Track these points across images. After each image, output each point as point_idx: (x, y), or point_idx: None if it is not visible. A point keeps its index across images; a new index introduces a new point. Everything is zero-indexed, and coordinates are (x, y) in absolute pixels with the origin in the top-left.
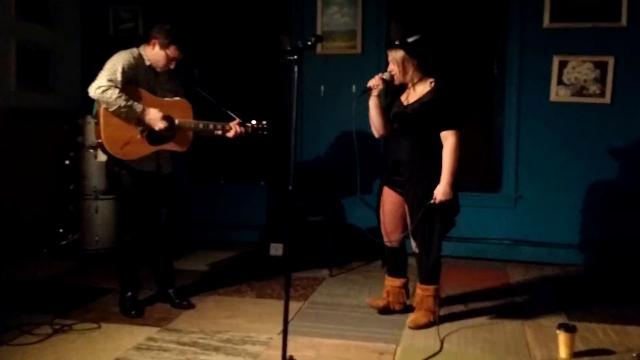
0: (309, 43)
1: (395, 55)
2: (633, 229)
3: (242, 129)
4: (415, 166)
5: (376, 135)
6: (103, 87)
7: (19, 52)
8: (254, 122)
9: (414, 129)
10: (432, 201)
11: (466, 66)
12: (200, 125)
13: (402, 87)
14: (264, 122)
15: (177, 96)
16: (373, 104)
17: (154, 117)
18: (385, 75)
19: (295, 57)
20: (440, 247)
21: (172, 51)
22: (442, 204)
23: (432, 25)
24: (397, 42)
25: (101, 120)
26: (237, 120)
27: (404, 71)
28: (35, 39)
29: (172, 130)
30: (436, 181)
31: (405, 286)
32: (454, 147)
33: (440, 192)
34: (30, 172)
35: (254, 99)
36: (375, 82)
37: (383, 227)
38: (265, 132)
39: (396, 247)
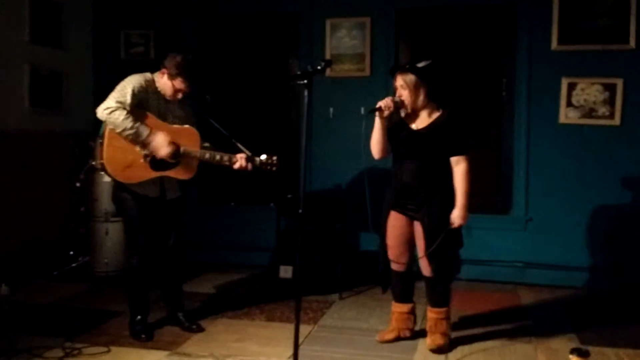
0: (319, 67)
1: (406, 79)
2: None
3: (249, 164)
4: (427, 190)
5: (376, 156)
6: (111, 108)
7: (32, 75)
8: (263, 156)
9: (423, 152)
10: (451, 226)
11: (475, 88)
12: (207, 155)
13: (406, 115)
14: (275, 158)
15: (187, 124)
16: (379, 125)
17: (160, 142)
18: (397, 99)
19: (305, 81)
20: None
21: (178, 83)
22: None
23: (441, 48)
24: (407, 66)
25: (105, 141)
26: (246, 154)
27: (416, 96)
28: (48, 62)
29: (176, 158)
30: (449, 204)
31: (412, 311)
32: (467, 171)
33: (459, 216)
34: (42, 194)
35: (264, 121)
36: (386, 103)
37: (391, 252)
38: (274, 168)
39: (403, 271)
